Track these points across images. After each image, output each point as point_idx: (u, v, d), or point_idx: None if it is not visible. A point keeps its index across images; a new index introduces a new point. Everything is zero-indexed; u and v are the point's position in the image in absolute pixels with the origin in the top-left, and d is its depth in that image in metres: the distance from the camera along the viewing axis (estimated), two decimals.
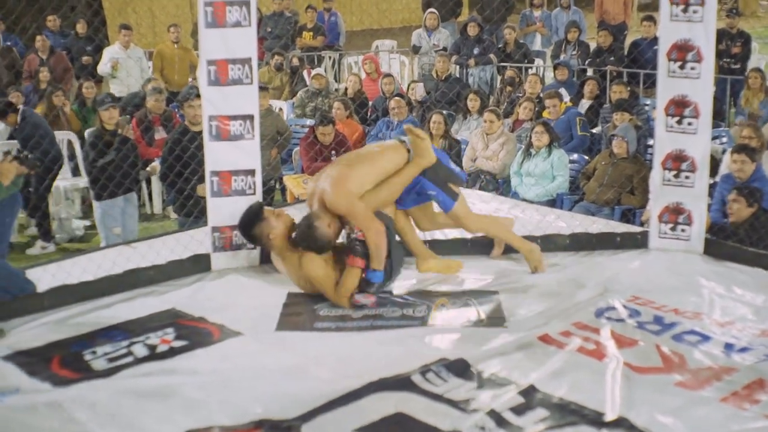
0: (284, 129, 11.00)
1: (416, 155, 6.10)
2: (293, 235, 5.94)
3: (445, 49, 14.35)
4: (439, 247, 6.67)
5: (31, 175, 6.51)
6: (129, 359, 5.09)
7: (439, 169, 6.20)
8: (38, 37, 14.30)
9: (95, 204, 8.97)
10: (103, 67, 14.02)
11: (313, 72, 13.48)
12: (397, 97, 11.61)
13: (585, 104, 11.81)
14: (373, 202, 5.92)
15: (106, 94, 11.46)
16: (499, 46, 14.41)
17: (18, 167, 6.08)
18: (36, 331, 5.54)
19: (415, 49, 14.94)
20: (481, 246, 6.81)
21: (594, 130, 11.19)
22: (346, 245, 5.94)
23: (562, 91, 12.05)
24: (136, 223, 9.27)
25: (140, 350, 5.20)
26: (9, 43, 14.96)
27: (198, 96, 7.39)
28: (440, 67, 13.30)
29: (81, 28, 15.03)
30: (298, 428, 4.27)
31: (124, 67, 13.95)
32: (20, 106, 10.36)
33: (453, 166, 6.45)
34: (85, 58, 14.46)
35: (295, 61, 14.65)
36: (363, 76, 13.87)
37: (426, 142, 6.16)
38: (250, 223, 6.06)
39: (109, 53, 14.15)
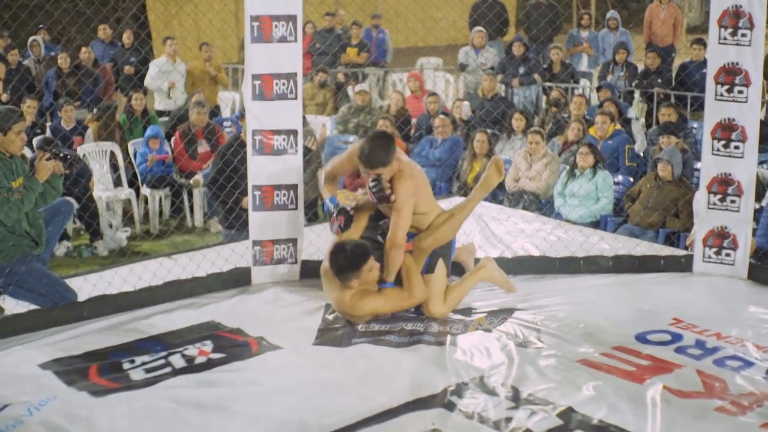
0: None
1: (485, 184, 6.07)
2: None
3: (492, 68, 14.32)
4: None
5: (70, 175, 6.38)
6: (167, 370, 5.11)
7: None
8: (84, 49, 14.30)
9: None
10: (151, 81, 14.04)
11: (357, 88, 13.47)
12: (441, 116, 11.58)
13: None
14: (440, 236, 5.90)
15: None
16: (545, 66, 14.35)
17: (55, 164, 6.00)
18: (75, 339, 5.57)
19: (462, 67, 14.90)
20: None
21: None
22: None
23: None
24: None
25: (178, 361, 5.22)
26: (53, 53, 14.98)
27: None
28: (486, 86, 13.22)
29: (127, 38, 15.04)
30: None
31: (171, 80, 14.00)
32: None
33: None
34: (127, 68, 14.45)
35: (340, 77, 14.66)
36: (407, 93, 13.85)
37: (499, 178, 6.11)
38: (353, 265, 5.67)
39: (156, 65, 14.17)
